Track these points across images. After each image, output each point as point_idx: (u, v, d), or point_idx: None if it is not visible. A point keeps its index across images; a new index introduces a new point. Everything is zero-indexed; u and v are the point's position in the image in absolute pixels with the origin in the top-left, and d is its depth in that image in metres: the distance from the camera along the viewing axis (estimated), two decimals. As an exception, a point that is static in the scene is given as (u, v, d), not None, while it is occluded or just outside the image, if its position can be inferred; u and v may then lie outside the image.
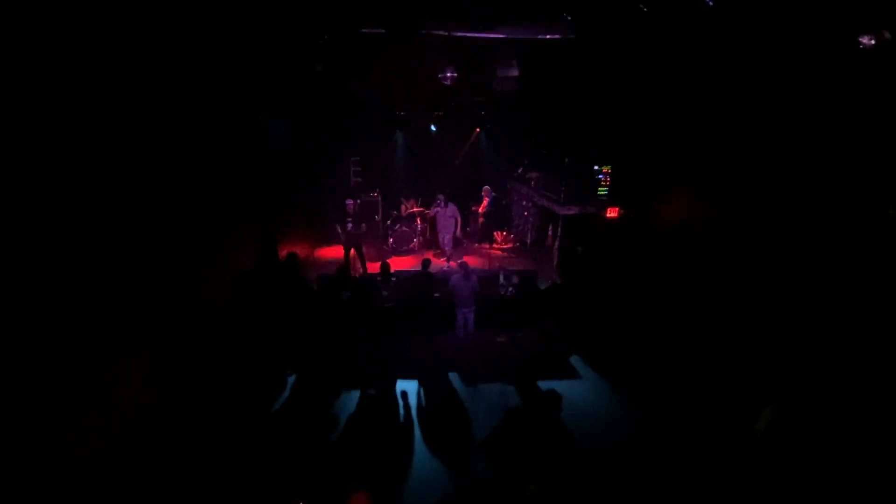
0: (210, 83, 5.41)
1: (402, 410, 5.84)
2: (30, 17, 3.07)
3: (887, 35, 3.84)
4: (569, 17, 6.47)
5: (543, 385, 6.16)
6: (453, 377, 6.53)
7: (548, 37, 7.20)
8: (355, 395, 6.00)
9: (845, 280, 4.40)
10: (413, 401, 6.03)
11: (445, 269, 9.32)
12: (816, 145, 4.72)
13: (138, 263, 4.29)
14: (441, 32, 6.91)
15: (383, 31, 6.60)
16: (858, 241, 4.36)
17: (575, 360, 6.96)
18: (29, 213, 3.17)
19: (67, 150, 3.46)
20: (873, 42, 3.90)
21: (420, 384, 6.32)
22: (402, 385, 6.28)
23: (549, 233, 10.27)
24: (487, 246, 11.03)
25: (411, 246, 10.72)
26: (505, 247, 11.27)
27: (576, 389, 6.19)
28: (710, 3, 4.68)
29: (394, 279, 7.14)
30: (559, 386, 6.11)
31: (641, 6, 5.41)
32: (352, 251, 9.05)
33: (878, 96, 4.13)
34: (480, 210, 11.10)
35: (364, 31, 6.84)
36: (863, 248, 4.32)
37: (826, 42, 4.41)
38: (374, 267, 8.54)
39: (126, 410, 4.10)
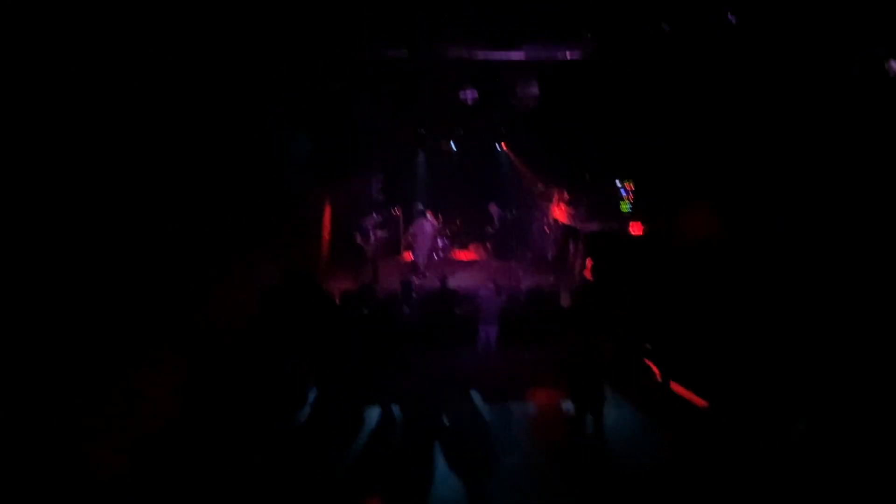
0: (238, 103, 5.61)
1: (421, 427, 5.81)
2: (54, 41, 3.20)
3: None
4: (590, 36, 6.52)
5: (566, 405, 6.06)
6: (474, 394, 6.48)
7: (568, 56, 7.26)
8: (375, 411, 6.00)
9: (878, 297, 4.24)
10: (433, 417, 5.99)
11: (417, 282, 9.16)
12: (843, 161, 4.60)
13: (162, 277, 4.41)
14: (462, 53, 7.05)
15: (406, 52, 6.77)
16: (888, 256, 4.22)
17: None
18: (51, 223, 3.28)
19: (93, 163, 3.60)
20: None
21: (440, 400, 6.28)
22: (421, 401, 6.25)
23: (571, 249, 10.17)
24: (507, 262, 11.03)
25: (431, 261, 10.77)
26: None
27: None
28: (734, 21, 4.66)
29: (415, 296, 7.18)
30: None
31: (663, 25, 5.42)
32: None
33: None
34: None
35: (387, 53, 7.03)
36: (888, 258, 4.18)
37: (848, 59, 4.35)
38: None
39: (145, 423, 4.16)
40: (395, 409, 6.08)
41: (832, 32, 4.28)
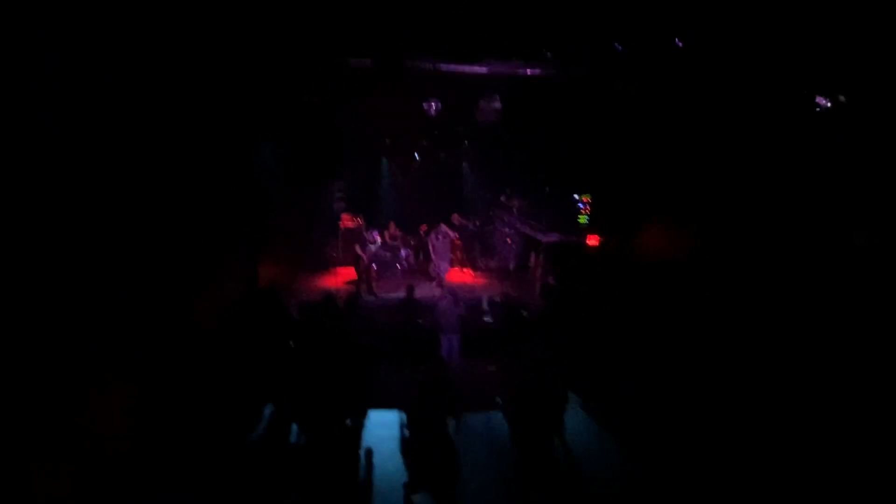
0: (199, 112, 5.42)
1: (383, 442, 5.70)
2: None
3: (842, 98, 4.16)
4: (549, 54, 6.79)
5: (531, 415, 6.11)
6: (438, 405, 6.42)
7: (528, 72, 7.52)
8: (334, 426, 5.83)
9: (822, 303, 4.55)
10: (395, 431, 5.89)
11: (436, 295, 9.32)
12: (789, 176, 4.97)
13: (117, 294, 4.16)
14: (427, 66, 7.15)
15: (371, 63, 6.79)
16: (830, 263, 4.57)
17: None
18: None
19: (52, 172, 3.41)
20: (829, 104, 4.21)
21: (402, 413, 6.19)
22: (384, 415, 6.14)
23: (532, 260, 10.40)
24: (470, 271, 11.13)
25: (394, 271, 10.71)
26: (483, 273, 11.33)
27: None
28: (680, 45, 5.00)
29: (362, 312, 7.09)
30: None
31: (616, 45, 5.73)
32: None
33: (840, 132, 4.44)
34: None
35: (352, 63, 7.03)
36: (834, 270, 4.52)
37: (790, 77, 4.73)
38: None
39: (98, 444, 3.89)
40: (355, 422, 5.94)
41: (774, 61, 4.65)
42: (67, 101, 3.42)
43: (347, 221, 10.94)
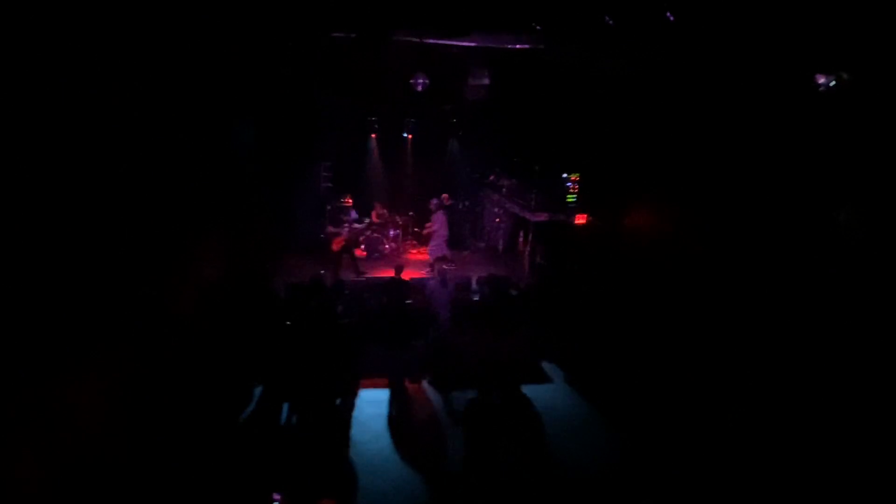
0: (175, 87, 5.19)
1: (372, 420, 5.73)
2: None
3: (845, 77, 4.05)
4: (538, 27, 6.61)
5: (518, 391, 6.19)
6: (425, 385, 6.47)
7: (517, 46, 7.35)
8: (324, 406, 5.85)
9: (809, 285, 4.57)
10: (384, 409, 5.93)
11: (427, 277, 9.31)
12: (776, 155, 4.94)
13: (96, 275, 4.04)
14: (413, 39, 6.94)
15: (354, 35, 6.56)
16: (815, 243, 4.59)
17: (548, 367, 7.02)
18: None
19: (27, 156, 3.25)
20: (833, 83, 4.09)
21: (391, 393, 6.22)
22: (373, 394, 6.17)
23: (521, 239, 10.39)
24: (460, 252, 11.11)
25: (383, 251, 10.63)
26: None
27: (547, 395, 6.24)
28: (672, 19, 4.89)
29: (347, 292, 7.04)
30: (531, 391, 6.23)
31: (607, 19, 5.58)
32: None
33: (828, 113, 4.39)
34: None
35: (335, 35, 6.78)
36: (819, 250, 4.54)
37: (785, 57, 4.66)
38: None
39: (78, 433, 3.82)
40: (344, 403, 5.96)
41: (769, 38, 4.55)
42: (58, 96, 3.25)
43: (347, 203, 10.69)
